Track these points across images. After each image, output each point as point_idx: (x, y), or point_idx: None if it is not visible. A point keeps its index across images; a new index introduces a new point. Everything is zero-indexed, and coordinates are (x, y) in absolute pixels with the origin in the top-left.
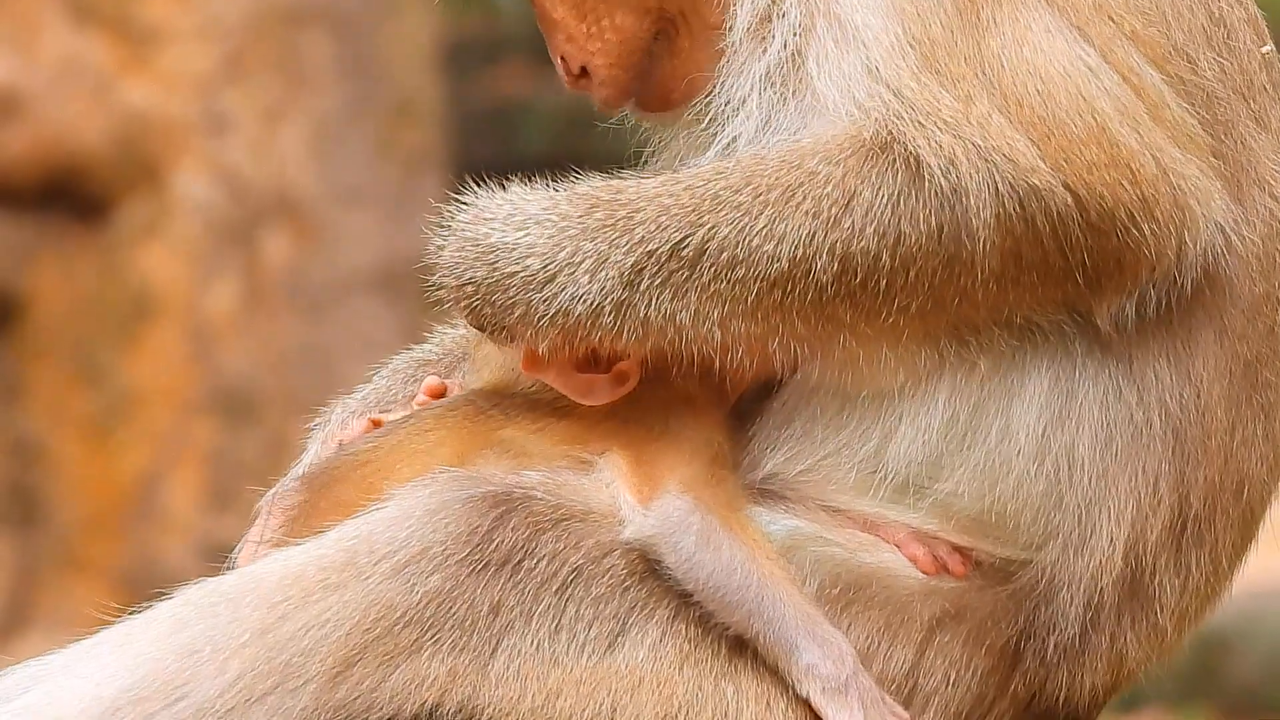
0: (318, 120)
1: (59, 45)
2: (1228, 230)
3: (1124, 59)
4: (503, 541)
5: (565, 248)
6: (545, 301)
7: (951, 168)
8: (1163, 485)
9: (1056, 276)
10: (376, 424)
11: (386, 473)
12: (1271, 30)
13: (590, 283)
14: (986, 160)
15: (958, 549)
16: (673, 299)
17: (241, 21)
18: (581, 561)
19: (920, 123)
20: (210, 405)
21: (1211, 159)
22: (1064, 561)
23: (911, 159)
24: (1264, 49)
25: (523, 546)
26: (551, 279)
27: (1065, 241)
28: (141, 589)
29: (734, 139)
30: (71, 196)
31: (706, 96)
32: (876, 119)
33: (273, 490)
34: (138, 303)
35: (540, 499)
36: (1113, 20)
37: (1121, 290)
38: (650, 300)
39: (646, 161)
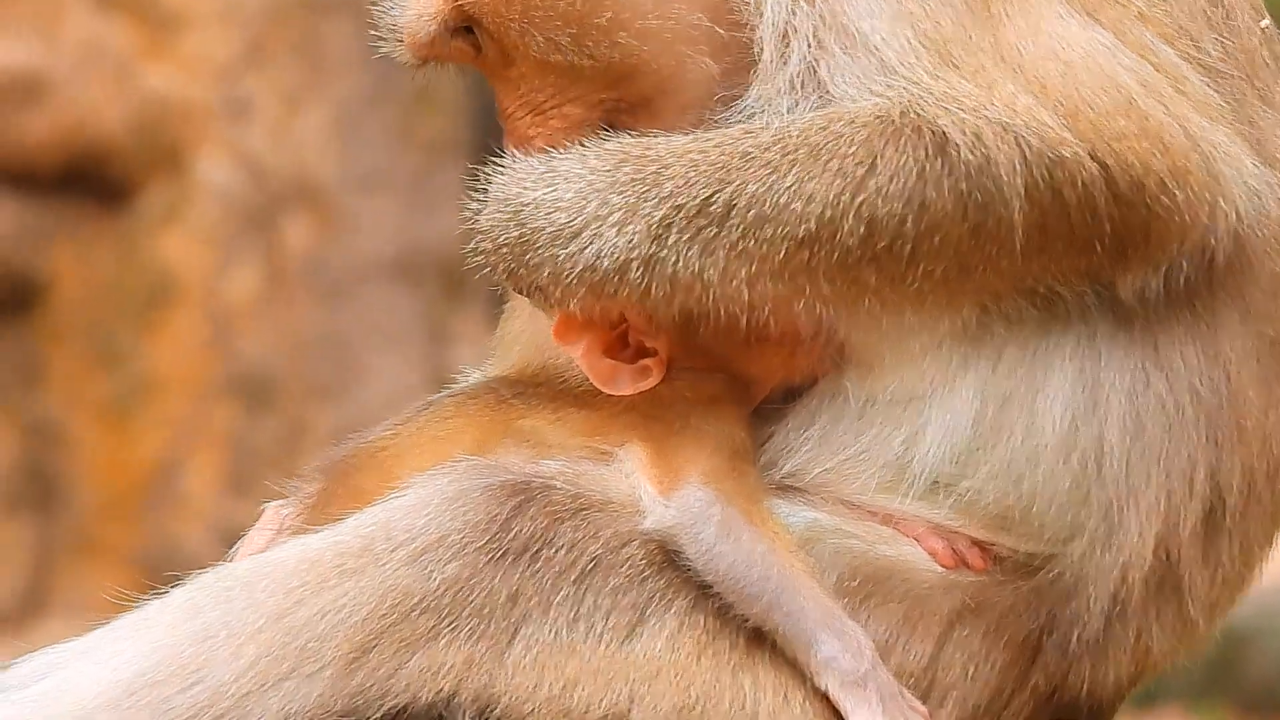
0: (339, 106)
1: (81, 30)
2: (1263, 195)
3: (1138, 37)
4: (521, 530)
5: (592, 201)
6: (572, 257)
7: (978, 141)
8: (1199, 474)
9: (1081, 246)
10: None
11: (405, 460)
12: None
13: (617, 237)
14: (1013, 133)
15: (977, 543)
16: (700, 255)
17: (263, 7)
18: (600, 551)
19: (945, 106)
20: (229, 390)
21: (1238, 125)
22: (1090, 557)
23: (938, 133)
24: (1262, 24)
25: (541, 536)
26: (577, 234)
27: (1092, 212)
28: (159, 574)
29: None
30: (92, 181)
31: (729, 110)
32: (904, 99)
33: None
34: (157, 288)
35: (559, 488)
36: (1120, 3)
37: (1148, 262)
38: (678, 256)
39: None
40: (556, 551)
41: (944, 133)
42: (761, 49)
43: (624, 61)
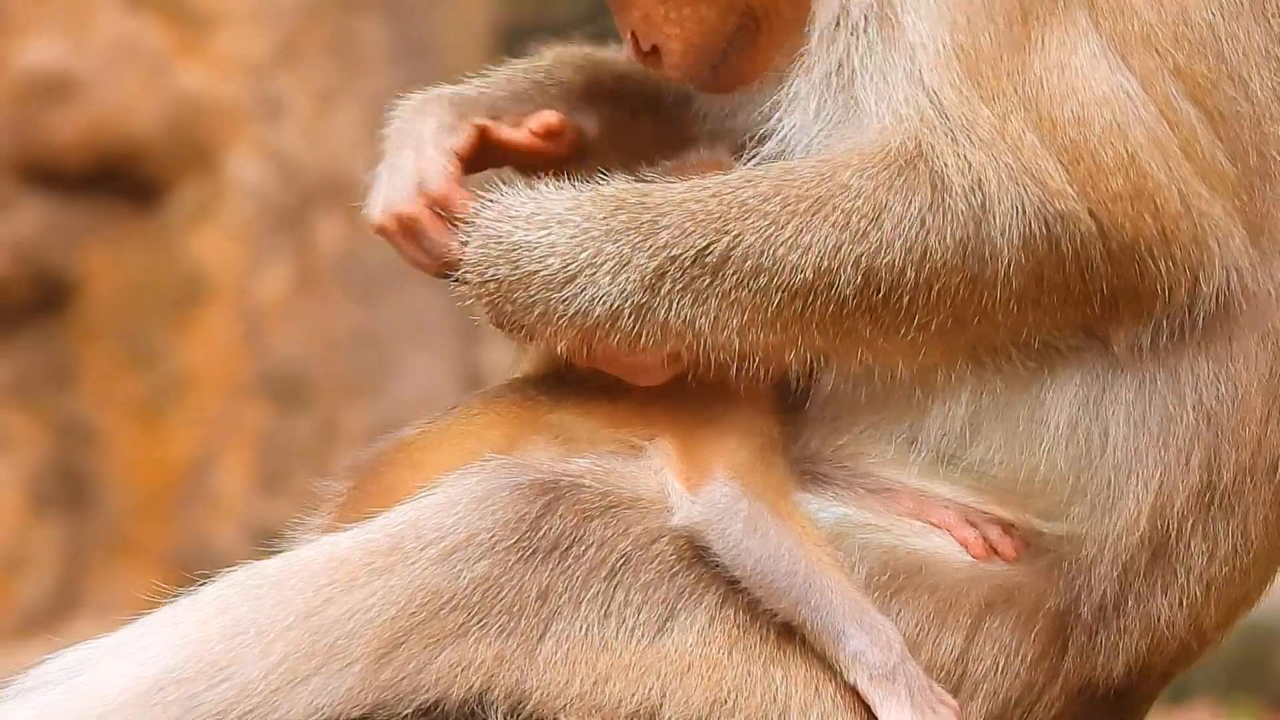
0: (371, 104)
1: (113, 28)
2: (1243, 272)
3: (1163, 91)
4: (551, 529)
5: (587, 249)
6: (565, 302)
7: (978, 187)
8: (1195, 459)
9: (1076, 300)
10: (484, 132)
11: (434, 457)
12: None
13: (610, 285)
14: (1015, 181)
15: (1006, 530)
16: (693, 305)
17: (295, 5)
18: (630, 548)
19: (953, 136)
20: (261, 389)
21: (1239, 199)
22: (1093, 522)
23: (938, 176)
24: None
25: (571, 534)
26: (572, 279)
27: (1087, 267)
28: (191, 572)
29: (789, 129)
30: (124, 180)
31: (773, 87)
32: (907, 129)
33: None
34: (189, 286)
35: (588, 486)
36: (1158, 53)
37: (1138, 318)
38: (670, 305)
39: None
40: (586, 549)
41: (945, 174)
42: (814, 34)
43: None
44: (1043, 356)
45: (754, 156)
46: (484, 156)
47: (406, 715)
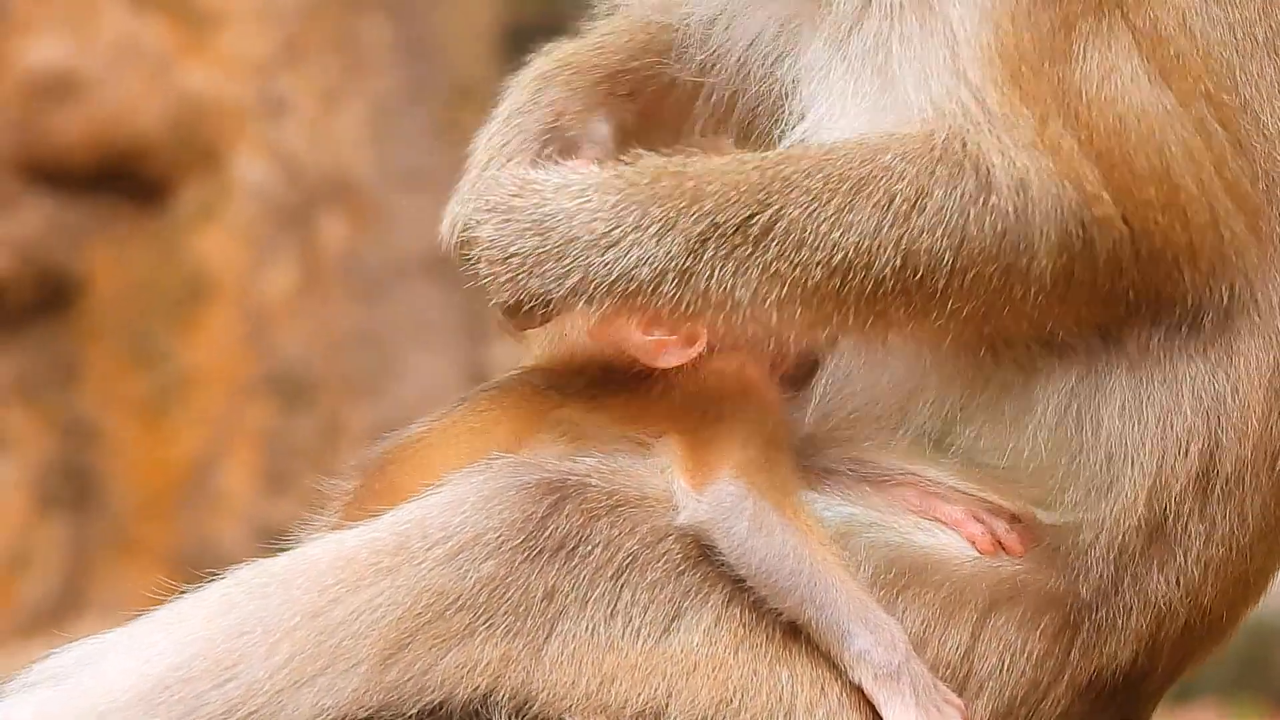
0: (375, 103)
1: (117, 28)
2: (1253, 283)
3: (1198, 112)
4: (557, 528)
5: (632, 212)
6: (607, 266)
7: (1021, 187)
8: (1194, 447)
9: (1103, 299)
10: None
11: (441, 454)
12: None
13: (656, 247)
14: (1055, 183)
15: (1013, 525)
16: (734, 273)
17: (299, 5)
18: (636, 547)
19: (997, 135)
20: (265, 388)
21: (1255, 218)
22: (1089, 506)
23: (984, 169)
24: None
25: (577, 533)
26: (616, 243)
27: (1117, 269)
28: (195, 572)
29: (824, 110)
30: (128, 179)
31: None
32: (951, 123)
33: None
34: (193, 285)
35: (594, 485)
36: (1192, 78)
37: (1155, 320)
38: (713, 272)
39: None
40: (592, 548)
41: (990, 170)
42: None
43: None
44: (1040, 349)
45: (780, 134)
46: None
47: (412, 716)
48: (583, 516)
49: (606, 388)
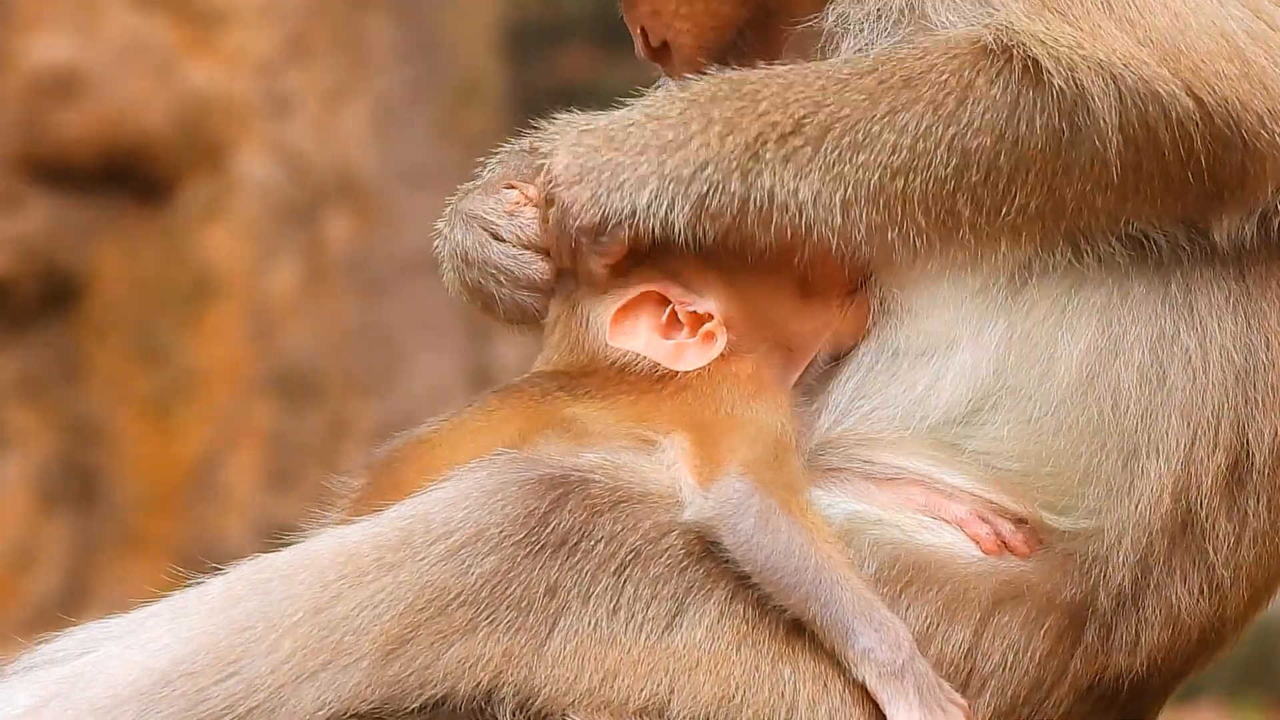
0: (380, 101)
1: (122, 26)
2: None
3: (1253, 2)
4: (559, 524)
5: (696, 117)
6: (679, 166)
7: (1072, 74)
8: (1224, 427)
9: (1178, 186)
10: None
11: (448, 451)
12: None
13: (721, 147)
14: (1109, 69)
15: (1019, 525)
16: (795, 175)
17: (304, 3)
18: (639, 543)
19: (1041, 39)
20: (270, 385)
21: None
22: (1110, 505)
23: (1031, 62)
24: None
25: (580, 529)
26: (684, 144)
27: (1188, 150)
28: (200, 568)
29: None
30: (133, 177)
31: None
32: (998, 22)
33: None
34: (199, 283)
35: (598, 481)
36: None
37: (1244, 205)
38: (775, 172)
39: None
40: (595, 544)
41: (1038, 63)
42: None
43: None
44: (1066, 309)
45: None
46: None
47: (414, 711)
48: (585, 512)
49: (616, 388)
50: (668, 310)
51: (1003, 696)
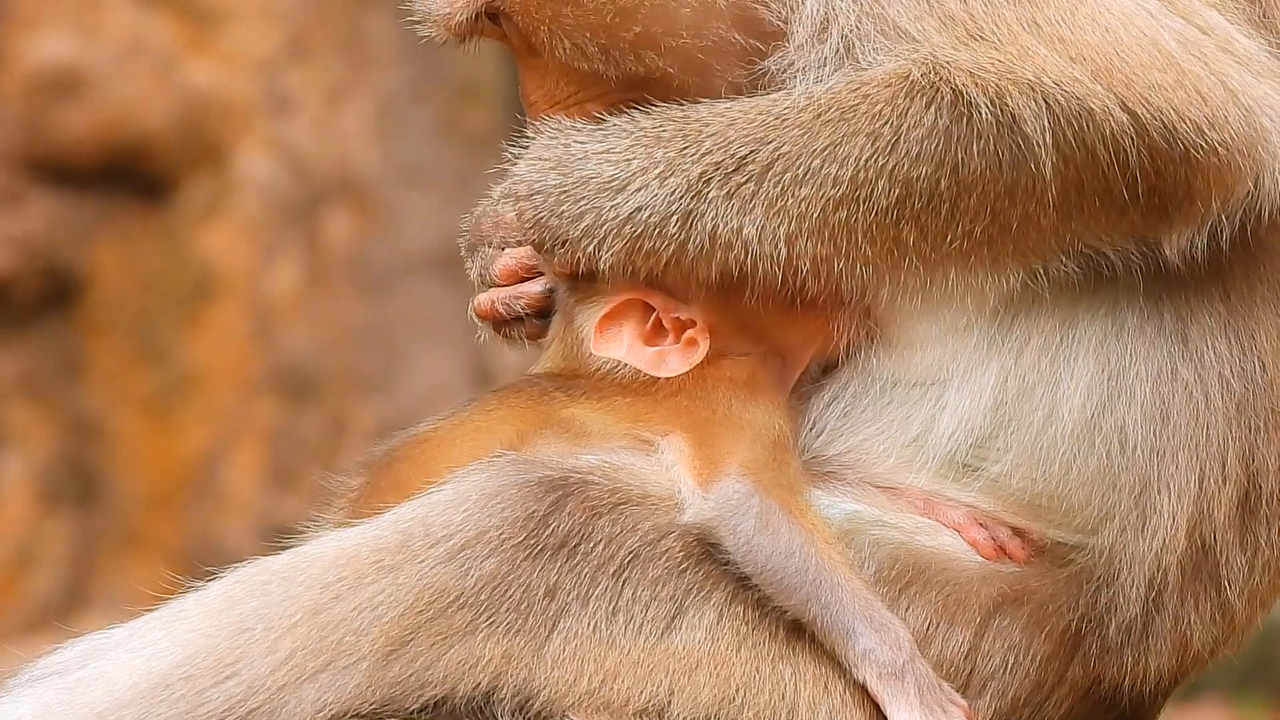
0: (381, 100)
1: (122, 25)
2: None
3: (1185, 5)
4: (559, 526)
5: (639, 156)
6: (616, 208)
7: (1000, 100)
8: (1231, 459)
9: (1118, 202)
10: None
11: (447, 452)
12: None
13: (660, 189)
14: (1039, 89)
15: (1018, 533)
16: (739, 213)
17: (305, 2)
18: (638, 545)
19: (967, 70)
20: (271, 385)
21: None
22: (1123, 543)
23: (960, 95)
24: None
25: (579, 531)
26: (624, 186)
27: (1123, 165)
28: (200, 568)
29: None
30: (134, 176)
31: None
32: (925, 58)
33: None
34: (199, 282)
35: (597, 483)
36: None
37: (1191, 218)
38: (717, 212)
39: None
40: (594, 546)
41: (965, 93)
42: (795, 31)
43: (650, 73)
44: (1063, 345)
45: None
46: None
47: (413, 712)
48: (585, 514)
49: (614, 389)
50: (652, 317)
51: (1003, 698)
